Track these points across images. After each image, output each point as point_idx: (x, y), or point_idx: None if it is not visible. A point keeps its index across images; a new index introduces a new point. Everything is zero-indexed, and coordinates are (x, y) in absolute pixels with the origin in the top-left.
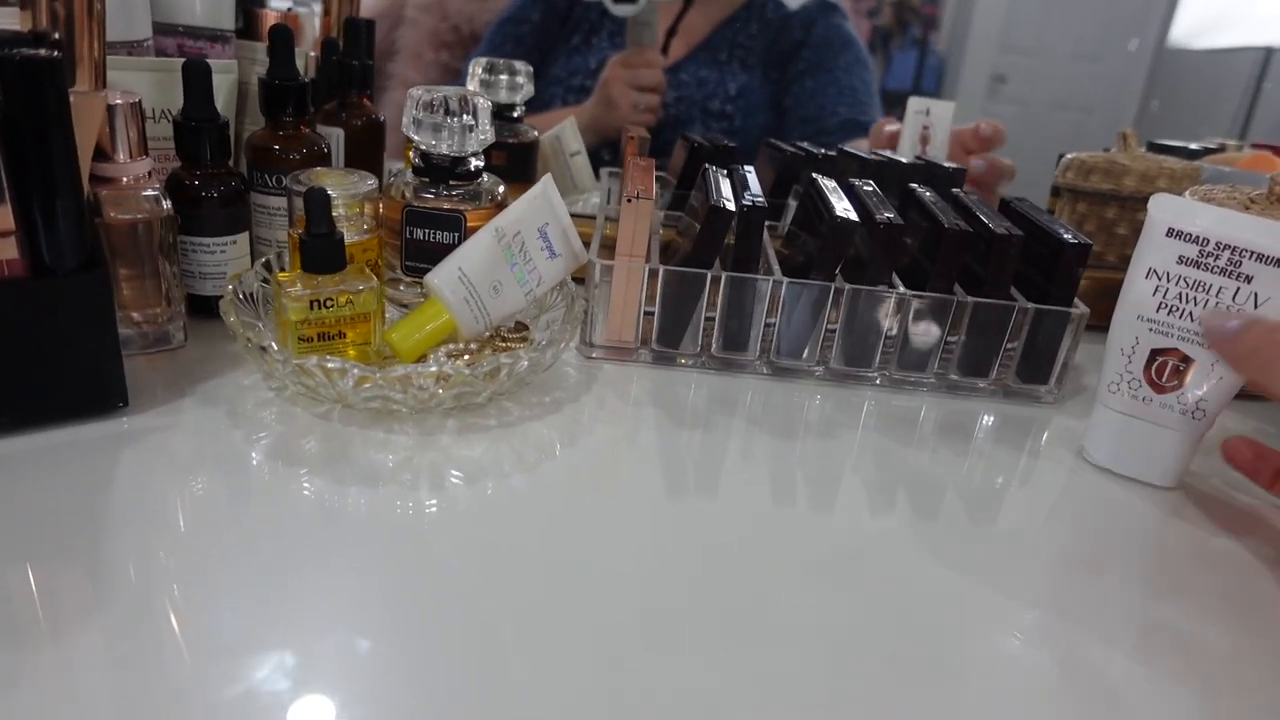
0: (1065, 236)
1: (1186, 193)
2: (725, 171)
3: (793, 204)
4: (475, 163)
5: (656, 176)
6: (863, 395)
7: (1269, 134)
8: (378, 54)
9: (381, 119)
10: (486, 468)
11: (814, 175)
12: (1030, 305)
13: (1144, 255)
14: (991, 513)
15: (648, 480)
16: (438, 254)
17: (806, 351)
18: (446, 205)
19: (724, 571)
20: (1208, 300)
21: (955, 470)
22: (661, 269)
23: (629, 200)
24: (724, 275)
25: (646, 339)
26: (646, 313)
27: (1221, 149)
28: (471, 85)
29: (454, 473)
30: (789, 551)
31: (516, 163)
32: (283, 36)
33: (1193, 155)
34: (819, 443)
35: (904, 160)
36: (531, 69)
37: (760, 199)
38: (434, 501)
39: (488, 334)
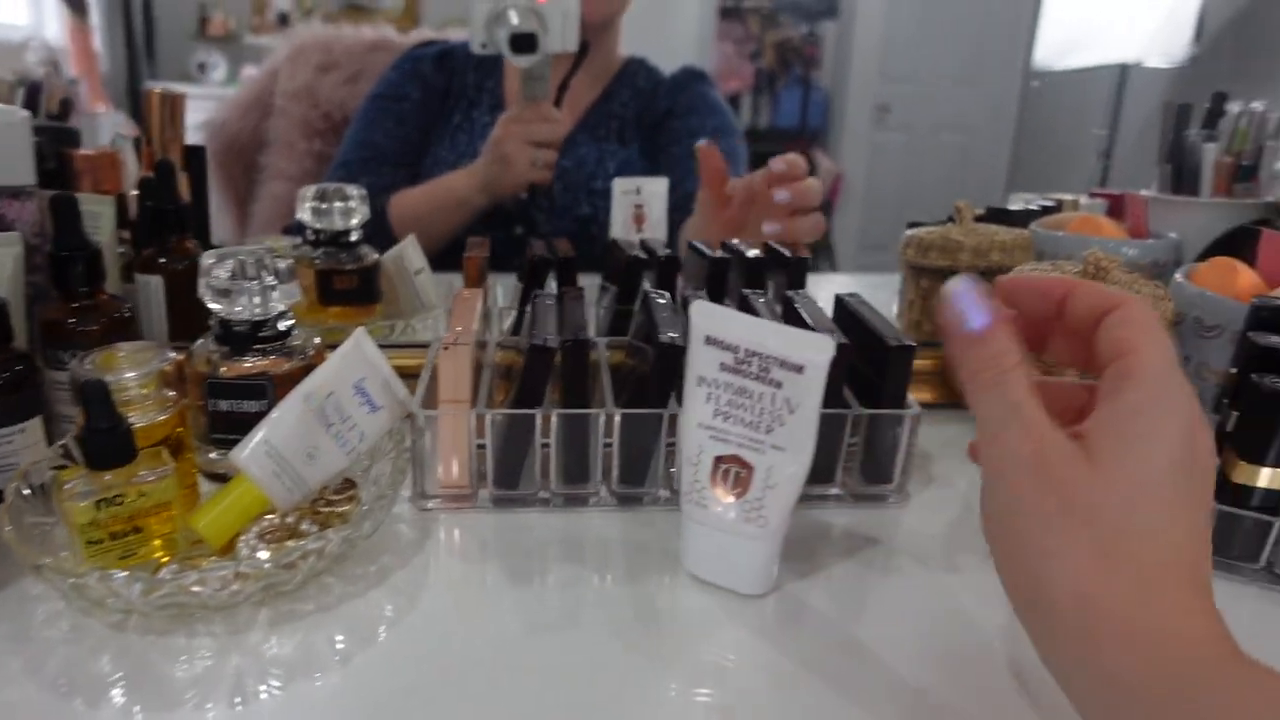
0: (889, 340)
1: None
2: (553, 300)
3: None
4: (282, 324)
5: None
6: None
7: (1133, 148)
8: (249, 146)
9: None
10: (299, 667)
11: (647, 290)
12: (864, 411)
13: (693, 363)
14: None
15: (481, 657)
16: (247, 423)
17: (649, 477)
18: (252, 369)
19: None
20: (755, 406)
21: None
22: (489, 413)
23: (444, 348)
24: (554, 414)
25: (485, 480)
26: (480, 447)
27: (1058, 207)
28: (303, 214)
29: (264, 684)
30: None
31: (360, 287)
32: (64, 206)
33: (1030, 216)
34: (664, 579)
35: (749, 254)
36: (365, 192)
37: (584, 332)
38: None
39: (309, 500)
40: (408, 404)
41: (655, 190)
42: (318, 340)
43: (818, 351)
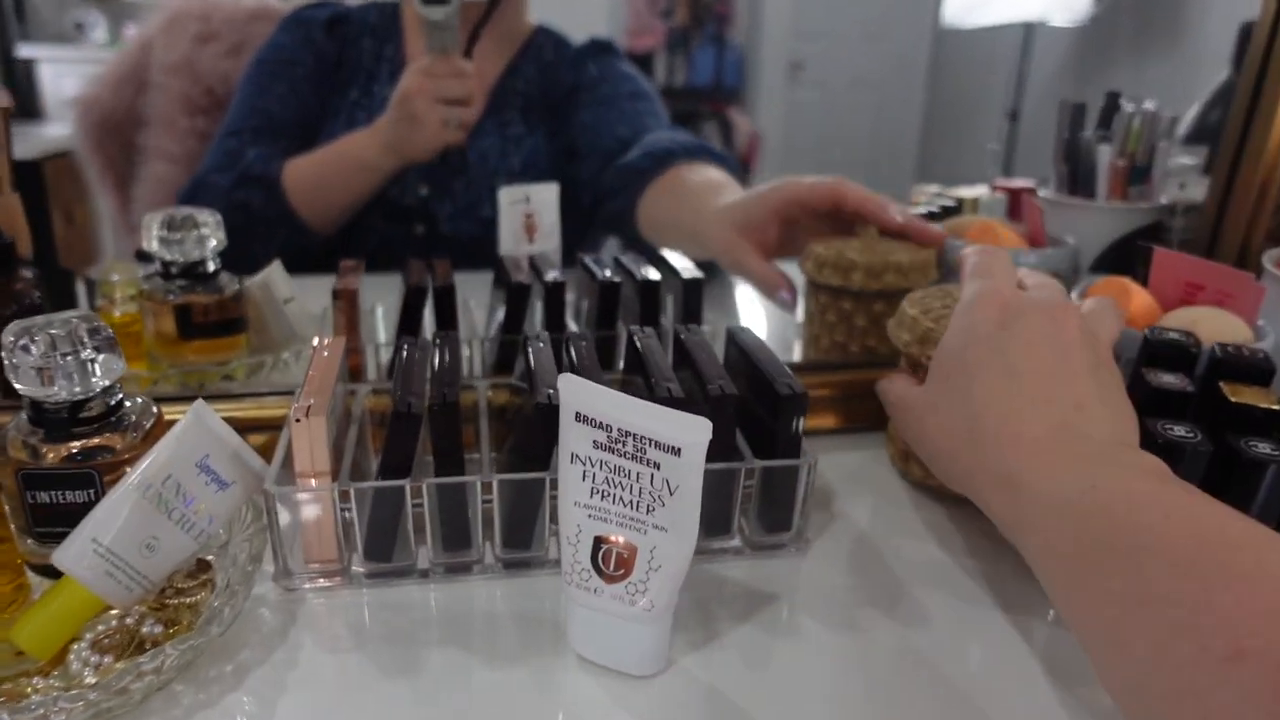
0: (778, 387)
1: (904, 302)
2: (422, 348)
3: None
4: (109, 399)
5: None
6: None
7: (1037, 105)
8: (125, 125)
9: (37, 301)
10: None
11: (526, 335)
12: (757, 463)
13: (565, 440)
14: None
15: None
16: (74, 514)
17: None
18: (77, 452)
19: None
20: (634, 485)
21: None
22: (353, 488)
23: (296, 420)
24: (424, 484)
25: (356, 552)
26: (347, 519)
27: (959, 207)
28: (151, 245)
29: None
30: None
31: (222, 320)
32: None
33: (931, 219)
34: (552, 661)
35: (637, 274)
36: (219, 217)
37: (451, 392)
38: None
39: (154, 593)
40: (262, 477)
41: (545, 198)
42: (154, 410)
43: (694, 433)
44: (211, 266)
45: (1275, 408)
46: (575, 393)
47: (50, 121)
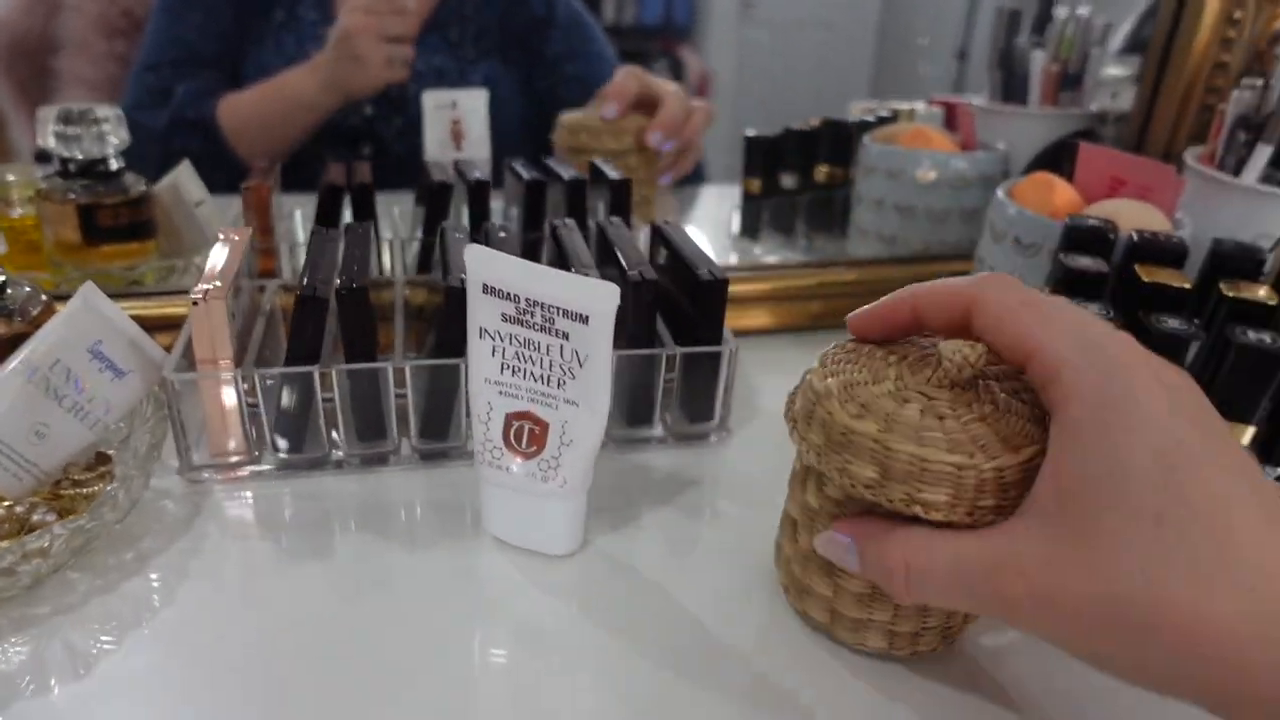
0: (700, 273)
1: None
2: (333, 237)
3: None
4: None
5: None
6: None
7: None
8: (38, 49)
9: None
10: (34, 682)
11: (444, 225)
12: (676, 350)
13: (473, 314)
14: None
15: (264, 641)
16: None
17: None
18: None
19: None
20: (543, 359)
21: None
22: (256, 374)
23: (194, 303)
24: (333, 369)
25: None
26: (253, 409)
27: (894, 118)
28: (48, 141)
29: None
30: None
31: (130, 223)
32: None
33: (866, 127)
34: (468, 544)
35: (564, 175)
36: (120, 112)
37: (360, 276)
38: None
39: (48, 484)
40: (161, 365)
41: (473, 105)
42: (44, 298)
43: (602, 299)
44: (114, 165)
45: (1186, 287)
46: (482, 263)
47: None
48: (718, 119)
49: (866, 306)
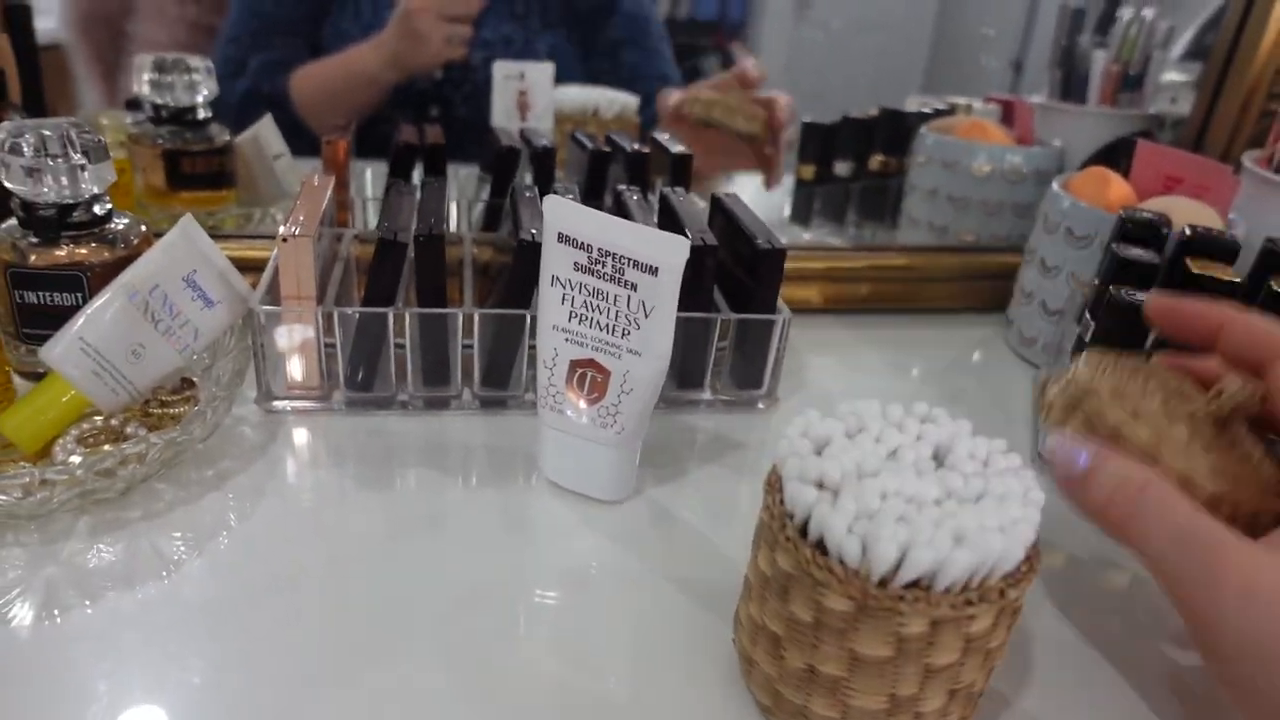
0: (759, 242)
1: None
2: (410, 190)
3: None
4: (98, 208)
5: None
6: None
7: (1042, 58)
8: (115, 14)
9: None
10: (123, 577)
11: (515, 184)
12: (731, 315)
13: (546, 262)
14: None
15: (329, 561)
16: (61, 317)
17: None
18: (65, 258)
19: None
20: (610, 309)
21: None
22: (335, 311)
23: (283, 240)
24: (406, 312)
25: (339, 381)
26: (330, 346)
27: (952, 111)
28: (142, 88)
29: (83, 595)
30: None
31: (212, 171)
32: None
33: (923, 118)
34: (524, 485)
35: (627, 148)
36: (210, 64)
37: (439, 225)
38: (35, 633)
39: (140, 401)
40: (248, 299)
41: (540, 78)
42: (143, 228)
43: (672, 253)
44: (202, 115)
45: (1235, 280)
46: (560, 213)
47: (37, 14)
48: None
49: (1173, 298)
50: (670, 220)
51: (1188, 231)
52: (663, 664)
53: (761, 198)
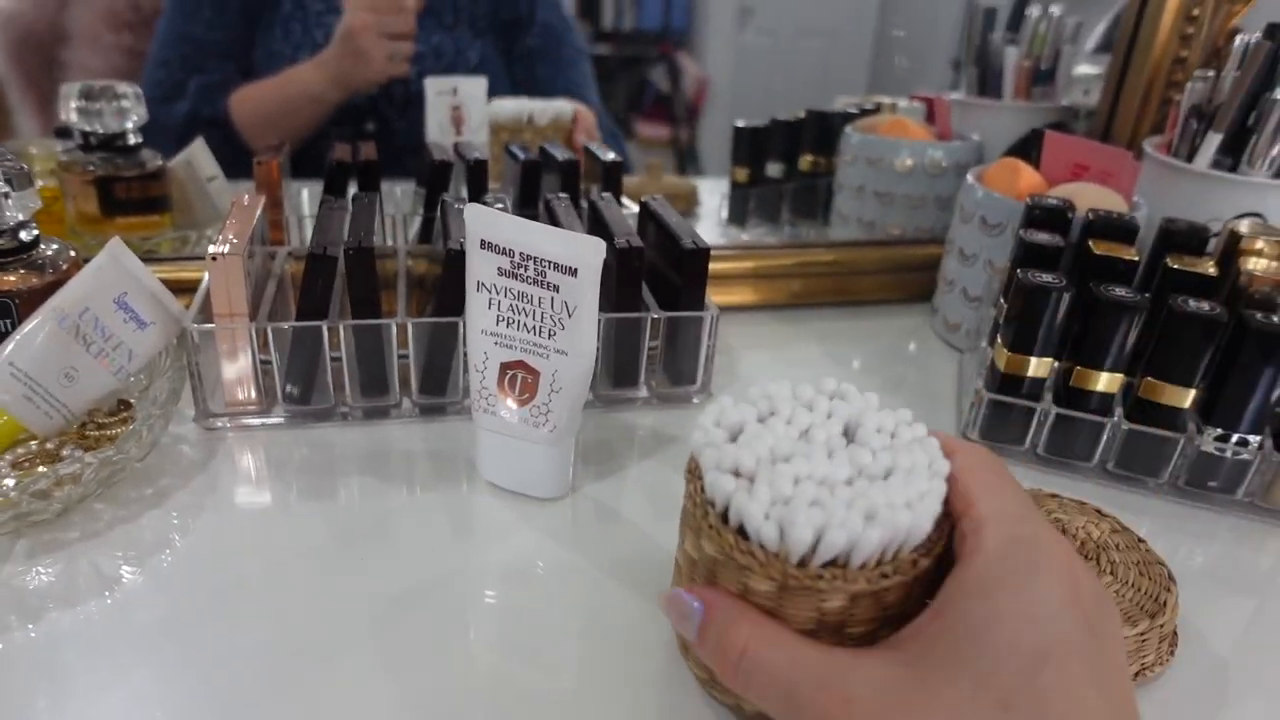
0: (685, 242)
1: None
2: (342, 205)
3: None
4: (24, 234)
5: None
6: None
7: None
8: (47, 41)
9: None
10: (63, 597)
11: (444, 197)
12: (661, 313)
13: (471, 268)
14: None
15: (272, 571)
16: None
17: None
18: None
19: None
20: (535, 311)
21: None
22: (269, 327)
23: (212, 259)
24: (340, 325)
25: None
26: (265, 362)
27: (877, 110)
28: (69, 116)
29: (22, 618)
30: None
31: (145, 196)
32: None
33: (848, 118)
34: (464, 488)
35: (559, 157)
36: (139, 90)
37: (366, 238)
38: None
39: (75, 425)
40: (181, 319)
41: (473, 92)
42: (72, 253)
43: (590, 253)
44: (133, 140)
45: (1135, 259)
46: (481, 220)
47: None
48: (715, 122)
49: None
50: (599, 226)
51: (1090, 216)
52: (606, 649)
53: (701, 203)
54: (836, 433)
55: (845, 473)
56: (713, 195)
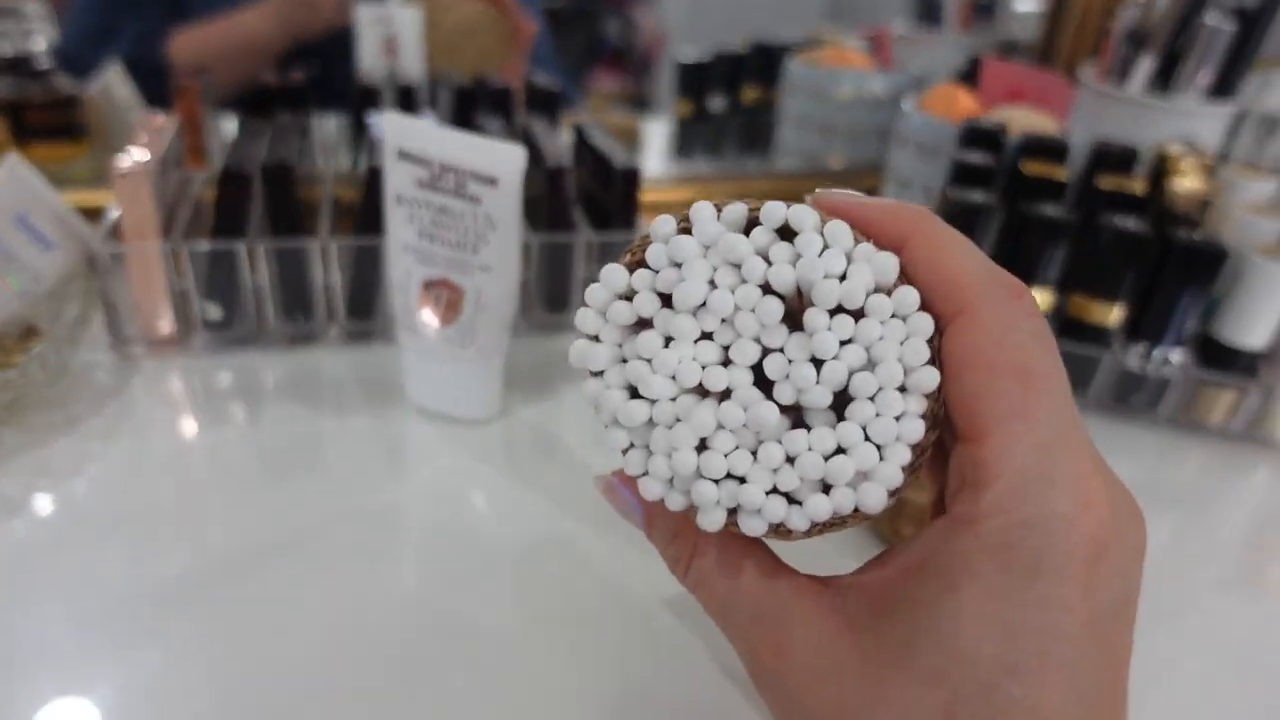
0: (614, 163)
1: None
2: (264, 128)
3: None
4: None
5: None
6: None
7: None
8: None
9: None
10: None
11: (368, 120)
12: (593, 236)
13: (390, 181)
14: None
15: (189, 495)
16: None
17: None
18: None
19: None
20: (457, 225)
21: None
22: (184, 248)
23: (120, 176)
24: (260, 245)
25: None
26: (183, 290)
27: (820, 43)
28: None
29: None
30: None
31: (60, 122)
32: None
33: (790, 50)
34: (390, 412)
35: (498, 87)
36: (41, 8)
37: (287, 155)
38: None
39: None
40: (89, 240)
41: (408, 20)
42: None
43: (509, 161)
44: (44, 65)
45: (1063, 180)
46: (397, 129)
47: None
48: (670, 67)
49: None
50: (532, 149)
51: (1023, 137)
52: (540, 574)
53: (649, 142)
54: (773, 318)
55: (778, 407)
56: (656, 133)
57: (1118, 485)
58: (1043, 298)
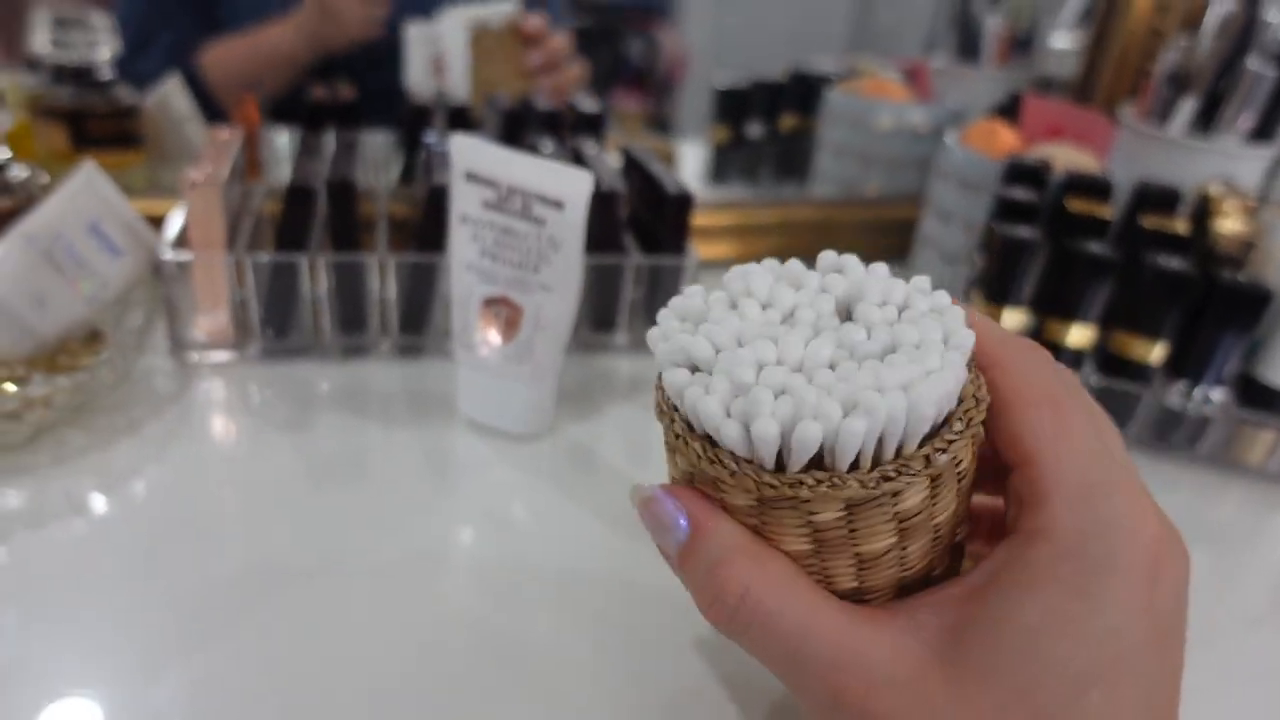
0: (667, 188)
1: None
2: (322, 145)
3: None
4: None
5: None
6: None
7: None
8: None
9: None
10: (31, 521)
11: (425, 141)
12: (641, 259)
13: (455, 201)
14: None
15: (245, 503)
16: None
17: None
18: None
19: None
20: (520, 245)
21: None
22: (248, 258)
23: (191, 186)
24: (321, 259)
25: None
26: (244, 299)
27: (858, 74)
28: (40, 47)
29: None
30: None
31: (118, 132)
32: None
33: (828, 81)
34: (442, 425)
35: (544, 110)
36: (106, 19)
37: (348, 172)
38: None
39: (46, 350)
40: (156, 248)
41: (455, 39)
42: (45, 179)
43: (576, 186)
44: (106, 75)
45: (1108, 217)
46: (466, 151)
47: None
48: (692, 88)
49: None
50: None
51: (1066, 175)
52: (585, 591)
53: (682, 166)
54: (828, 310)
55: (828, 354)
56: (690, 157)
57: (1163, 512)
58: (1085, 334)
